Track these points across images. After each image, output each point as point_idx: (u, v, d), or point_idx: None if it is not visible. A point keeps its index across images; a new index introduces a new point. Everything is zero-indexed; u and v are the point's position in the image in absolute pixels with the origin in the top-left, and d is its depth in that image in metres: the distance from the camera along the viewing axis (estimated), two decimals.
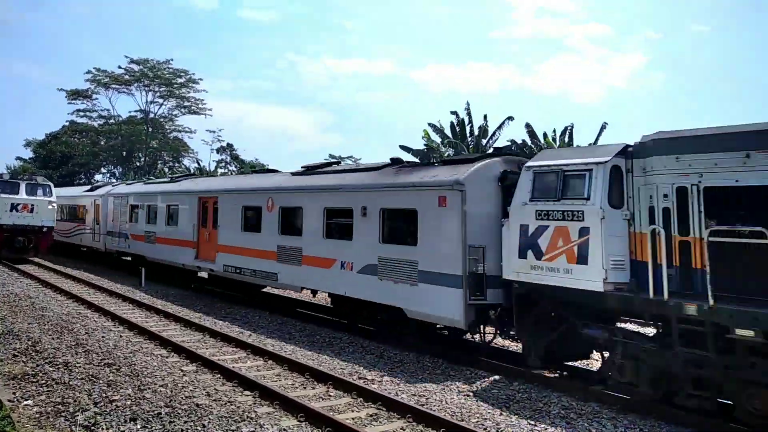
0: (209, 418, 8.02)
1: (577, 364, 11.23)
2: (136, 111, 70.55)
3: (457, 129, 31.72)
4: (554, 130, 29.85)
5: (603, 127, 29.47)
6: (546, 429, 8.12)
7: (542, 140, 28.89)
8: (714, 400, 8.15)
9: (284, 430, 7.73)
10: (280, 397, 8.86)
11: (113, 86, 67.07)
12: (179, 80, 68.16)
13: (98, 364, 10.83)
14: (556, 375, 10.66)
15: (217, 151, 65.74)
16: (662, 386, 8.69)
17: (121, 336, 13.17)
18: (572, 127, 29.61)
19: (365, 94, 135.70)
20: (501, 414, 8.68)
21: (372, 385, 9.88)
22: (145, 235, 23.37)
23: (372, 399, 9.05)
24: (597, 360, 11.10)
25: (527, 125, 29.72)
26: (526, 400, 9.40)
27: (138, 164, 68.37)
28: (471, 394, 9.70)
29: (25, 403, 9.02)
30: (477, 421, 8.27)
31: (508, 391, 9.86)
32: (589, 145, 24.24)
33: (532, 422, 8.40)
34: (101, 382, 9.77)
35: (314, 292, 16.40)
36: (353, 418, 8.26)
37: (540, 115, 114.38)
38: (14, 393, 9.39)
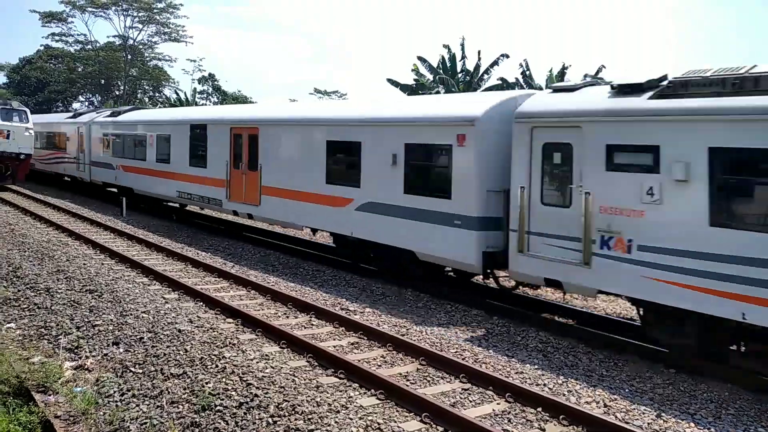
0: (191, 343, 8.10)
1: None
2: (114, 36, 67.96)
3: (448, 64, 31.12)
4: (551, 69, 29.65)
5: (599, 70, 29.18)
6: (523, 361, 8.35)
7: (544, 82, 28.66)
8: None
9: (266, 355, 7.85)
10: (263, 324, 8.97)
11: (89, 9, 64.20)
12: (159, 5, 65.48)
13: (80, 290, 10.82)
14: None
15: (199, 81, 64.06)
16: None
17: (102, 264, 13.11)
18: (563, 69, 29.31)
19: (353, 24, 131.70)
20: (479, 346, 8.89)
21: (354, 315, 10.02)
22: None
23: (354, 328, 9.20)
24: None
25: (520, 65, 29.37)
26: (504, 334, 9.61)
27: (117, 93, 66.51)
28: (451, 326, 9.89)
29: (8, 325, 9.04)
30: (455, 352, 8.45)
31: (487, 324, 10.07)
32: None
33: (510, 354, 8.63)
34: (83, 307, 9.78)
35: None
36: (335, 346, 8.40)
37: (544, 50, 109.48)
38: None
